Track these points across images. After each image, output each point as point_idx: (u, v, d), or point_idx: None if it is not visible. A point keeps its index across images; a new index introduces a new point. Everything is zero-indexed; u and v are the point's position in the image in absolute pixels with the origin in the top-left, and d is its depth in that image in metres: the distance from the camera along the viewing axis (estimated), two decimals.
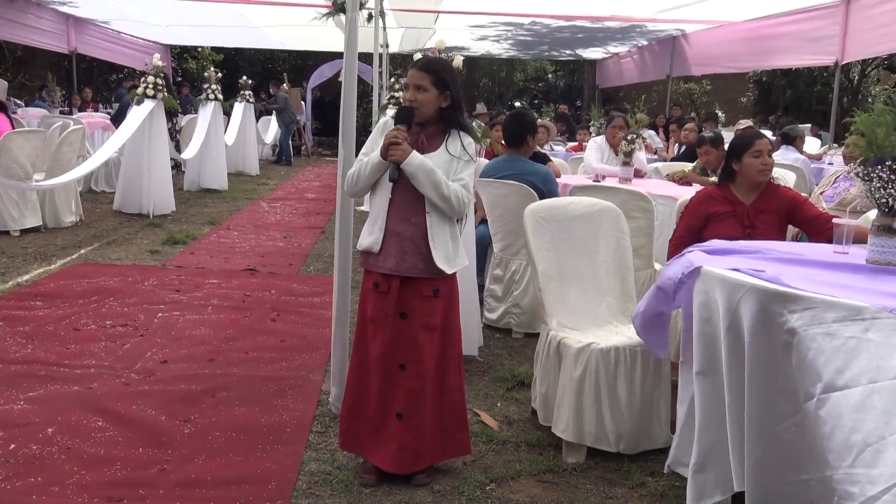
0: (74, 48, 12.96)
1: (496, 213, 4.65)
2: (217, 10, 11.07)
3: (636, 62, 15.13)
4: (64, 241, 6.76)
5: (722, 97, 18.99)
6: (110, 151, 8.03)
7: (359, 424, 2.75)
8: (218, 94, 10.94)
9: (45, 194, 7.20)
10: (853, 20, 8.66)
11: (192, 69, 19.13)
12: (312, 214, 9.19)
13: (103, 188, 10.02)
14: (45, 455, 2.85)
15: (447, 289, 2.74)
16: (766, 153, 3.35)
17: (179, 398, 3.43)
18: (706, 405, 2.22)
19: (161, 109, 8.33)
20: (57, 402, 3.33)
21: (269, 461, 2.89)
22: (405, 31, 11.92)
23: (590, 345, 2.94)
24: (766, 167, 3.36)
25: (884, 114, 2.31)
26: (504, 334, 4.60)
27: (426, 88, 2.66)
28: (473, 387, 3.67)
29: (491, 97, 24.27)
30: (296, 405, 3.42)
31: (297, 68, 20.50)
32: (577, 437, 2.94)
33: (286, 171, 14.81)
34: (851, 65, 15.83)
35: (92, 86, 16.30)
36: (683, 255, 2.48)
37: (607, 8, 10.23)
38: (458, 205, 2.64)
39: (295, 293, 5.35)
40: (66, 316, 4.55)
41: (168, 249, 6.70)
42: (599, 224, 3.39)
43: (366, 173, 2.67)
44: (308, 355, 4.08)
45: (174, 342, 4.20)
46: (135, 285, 5.33)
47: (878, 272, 2.25)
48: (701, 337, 2.24)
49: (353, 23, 3.07)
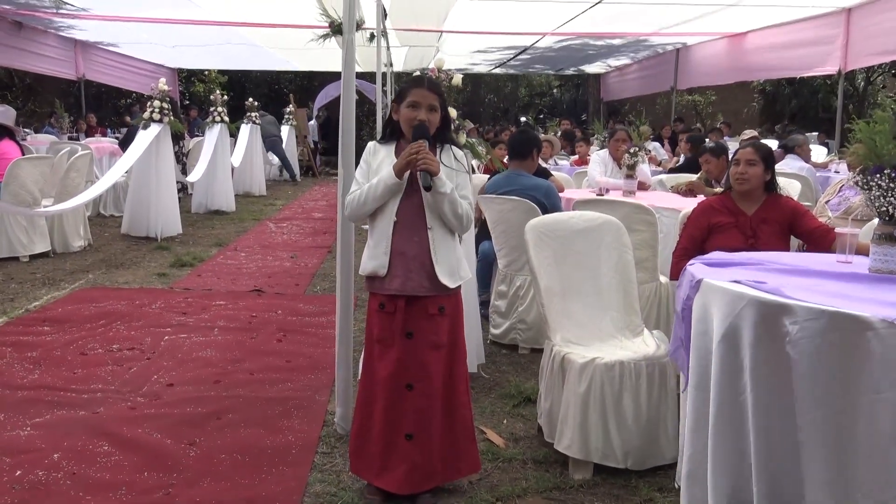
0: (83, 74, 13.12)
1: (500, 228, 4.65)
2: (221, 34, 11.22)
3: (640, 75, 15.18)
4: (72, 266, 6.81)
5: (727, 108, 18.98)
6: (117, 175, 8.09)
7: (367, 448, 2.74)
8: (224, 117, 11.03)
9: (53, 220, 7.26)
10: (855, 28, 8.66)
11: (200, 92, 19.31)
12: (319, 234, 9.22)
13: (111, 212, 10.09)
14: (50, 481, 2.86)
15: (452, 307, 2.73)
16: (743, 162, 3.37)
17: (185, 421, 3.43)
18: (698, 418, 2.20)
19: (167, 133, 8.41)
20: (63, 427, 3.34)
21: (274, 483, 2.88)
22: (409, 49, 12.00)
23: (594, 360, 2.92)
24: (739, 176, 3.38)
25: (883, 121, 2.30)
26: (510, 350, 4.58)
27: (437, 109, 2.68)
28: (479, 404, 3.65)
29: (496, 113, 24.37)
30: (301, 426, 3.41)
31: (303, 89, 20.64)
32: (583, 453, 2.92)
33: (293, 190, 14.88)
34: (856, 72, 15.81)
35: (100, 111, 16.49)
36: (686, 270, 2.47)
37: (610, 25, 10.28)
38: (467, 223, 2.71)
39: (301, 313, 5.35)
40: (74, 340, 4.57)
41: (175, 272, 6.73)
42: (601, 238, 3.39)
43: (376, 194, 2.64)
44: (314, 375, 4.07)
45: (180, 365, 4.20)
46: (142, 308, 5.35)
47: (881, 281, 2.23)
48: (697, 350, 2.22)
49: (350, 44, 3.08)
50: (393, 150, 2.73)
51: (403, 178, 2.62)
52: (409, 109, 2.68)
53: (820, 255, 2.81)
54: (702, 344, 2.21)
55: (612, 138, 6.46)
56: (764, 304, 1.97)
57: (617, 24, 10.11)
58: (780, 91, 18.27)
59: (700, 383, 2.21)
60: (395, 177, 2.60)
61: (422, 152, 2.56)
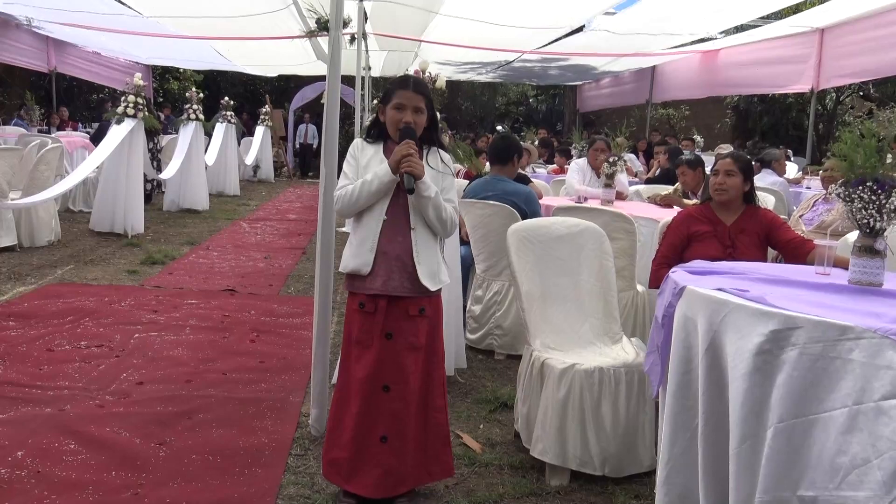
0: (54, 67, 12.88)
1: (479, 233, 4.64)
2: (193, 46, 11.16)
3: (616, 88, 15.35)
4: (39, 261, 6.65)
5: (700, 122, 19.22)
6: (88, 170, 7.94)
7: (339, 453, 2.69)
8: (199, 115, 10.90)
9: (21, 213, 7.09)
10: (827, 48, 8.84)
11: (174, 90, 19.07)
12: (293, 235, 9.13)
13: (81, 208, 9.90)
14: (14, 479, 2.77)
15: (432, 309, 2.71)
16: (722, 173, 3.41)
17: (155, 420, 3.35)
18: (675, 423, 2.20)
19: (141, 129, 8.27)
20: (28, 424, 3.24)
21: (246, 485, 2.82)
22: (388, 54, 11.98)
23: (573, 366, 2.92)
24: (719, 186, 3.41)
25: (869, 134, 2.33)
26: (486, 356, 4.56)
27: (423, 111, 2.66)
28: (455, 409, 3.62)
29: (472, 120, 24.44)
30: (275, 427, 3.35)
31: (279, 90, 20.51)
32: (560, 459, 2.90)
33: (267, 191, 14.75)
34: (826, 92, 16.13)
35: (72, 105, 16.19)
36: (669, 278, 2.47)
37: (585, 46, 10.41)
38: (451, 227, 2.70)
39: (275, 314, 5.28)
40: (40, 336, 4.45)
41: (146, 269, 6.61)
42: (583, 244, 3.39)
43: (371, 190, 2.60)
44: (288, 376, 4.01)
45: (151, 363, 4.11)
46: (111, 305, 5.24)
47: (861, 292, 2.25)
48: (677, 357, 2.22)
49: (337, 42, 3.06)
50: (381, 149, 2.71)
51: (398, 176, 2.59)
52: (394, 111, 2.65)
53: (799, 267, 2.84)
54: (682, 351, 2.21)
55: (591, 147, 6.50)
56: (748, 312, 1.97)
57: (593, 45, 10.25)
58: (752, 108, 18.57)
59: (678, 391, 2.21)
60: (392, 174, 2.57)
61: (410, 152, 2.54)
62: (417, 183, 2.55)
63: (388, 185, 2.60)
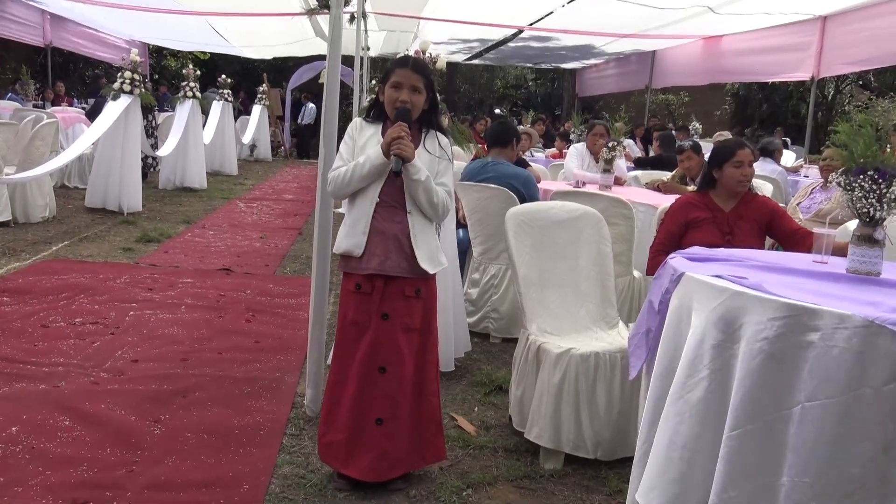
0: (50, 41, 12.75)
1: (476, 216, 4.63)
2: (190, 24, 11.02)
3: (616, 73, 15.26)
4: (34, 237, 6.62)
5: (699, 109, 19.18)
6: (84, 146, 7.88)
7: (334, 436, 2.69)
8: (196, 92, 10.81)
9: (15, 188, 7.04)
10: (829, 36, 8.79)
11: (171, 67, 18.90)
12: (290, 215, 9.11)
13: (76, 184, 9.84)
14: (8, 454, 2.77)
15: (428, 291, 2.71)
16: (746, 164, 3.37)
17: (150, 398, 3.35)
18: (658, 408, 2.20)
19: (137, 105, 8.21)
20: (22, 400, 3.24)
21: (241, 464, 2.83)
22: (387, 34, 11.89)
23: (569, 350, 2.92)
24: (745, 178, 3.37)
25: (865, 125, 2.32)
26: (482, 339, 4.57)
27: (420, 90, 2.63)
28: (450, 391, 3.63)
29: (471, 103, 24.33)
30: (270, 407, 3.35)
31: (277, 69, 20.32)
32: (555, 443, 2.92)
33: (264, 171, 14.69)
34: (826, 81, 16.10)
35: (68, 80, 16.03)
36: (667, 264, 2.47)
37: (588, 24, 10.32)
38: (442, 212, 2.68)
39: (271, 294, 5.28)
40: (35, 312, 4.44)
41: (141, 247, 6.58)
42: (581, 229, 3.38)
43: (363, 173, 2.59)
44: (283, 356, 4.01)
45: (146, 341, 4.11)
46: (106, 283, 5.23)
47: (859, 281, 2.25)
48: (668, 342, 2.22)
49: (338, 20, 3.02)
50: (380, 129, 2.68)
51: (390, 159, 2.57)
52: (391, 90, 2.62)
53: (796, 255, 2.83)
54: (675, 336, 2.20)
55: (590, 132, 6.47)
56: (746, 299, 1.97)
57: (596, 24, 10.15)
58: (752, 95, 18.53)
59: (665, 373, 2.21)
60: (384, 156, 2.55)
61: (401, 135, 2.52)
62: (406, 166, 2.53)
63: (380, 168, 2.58)
